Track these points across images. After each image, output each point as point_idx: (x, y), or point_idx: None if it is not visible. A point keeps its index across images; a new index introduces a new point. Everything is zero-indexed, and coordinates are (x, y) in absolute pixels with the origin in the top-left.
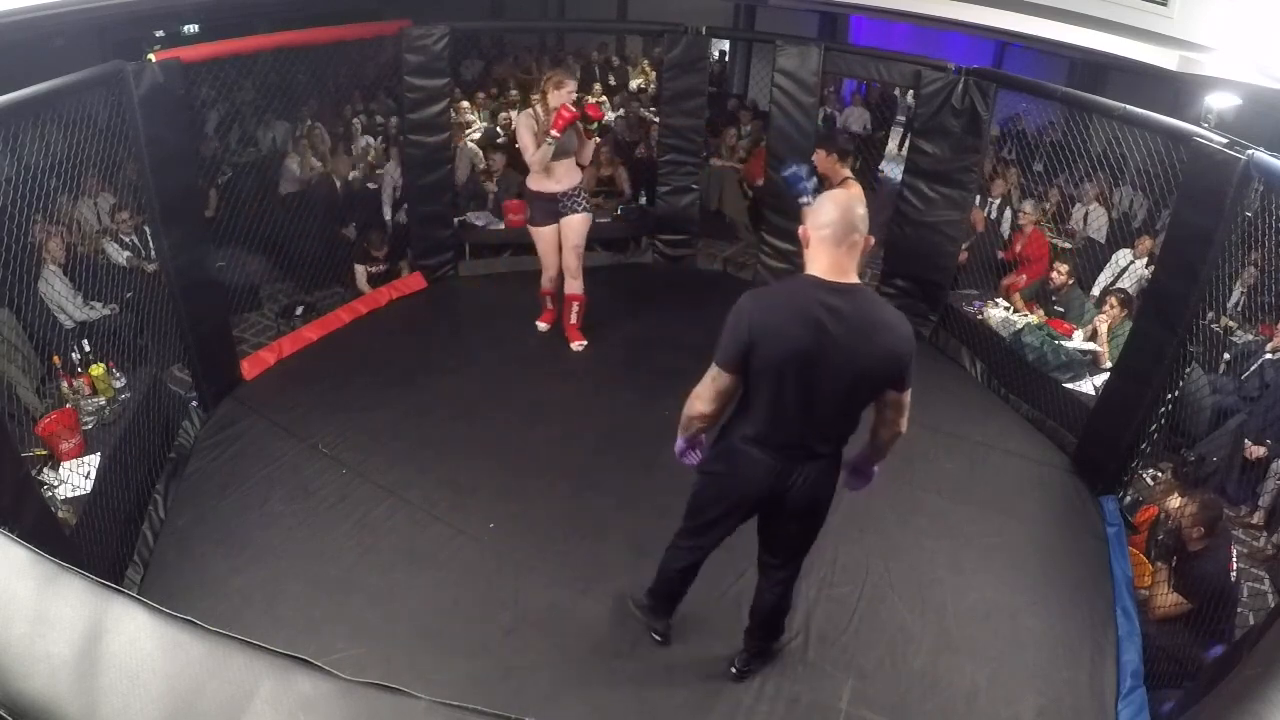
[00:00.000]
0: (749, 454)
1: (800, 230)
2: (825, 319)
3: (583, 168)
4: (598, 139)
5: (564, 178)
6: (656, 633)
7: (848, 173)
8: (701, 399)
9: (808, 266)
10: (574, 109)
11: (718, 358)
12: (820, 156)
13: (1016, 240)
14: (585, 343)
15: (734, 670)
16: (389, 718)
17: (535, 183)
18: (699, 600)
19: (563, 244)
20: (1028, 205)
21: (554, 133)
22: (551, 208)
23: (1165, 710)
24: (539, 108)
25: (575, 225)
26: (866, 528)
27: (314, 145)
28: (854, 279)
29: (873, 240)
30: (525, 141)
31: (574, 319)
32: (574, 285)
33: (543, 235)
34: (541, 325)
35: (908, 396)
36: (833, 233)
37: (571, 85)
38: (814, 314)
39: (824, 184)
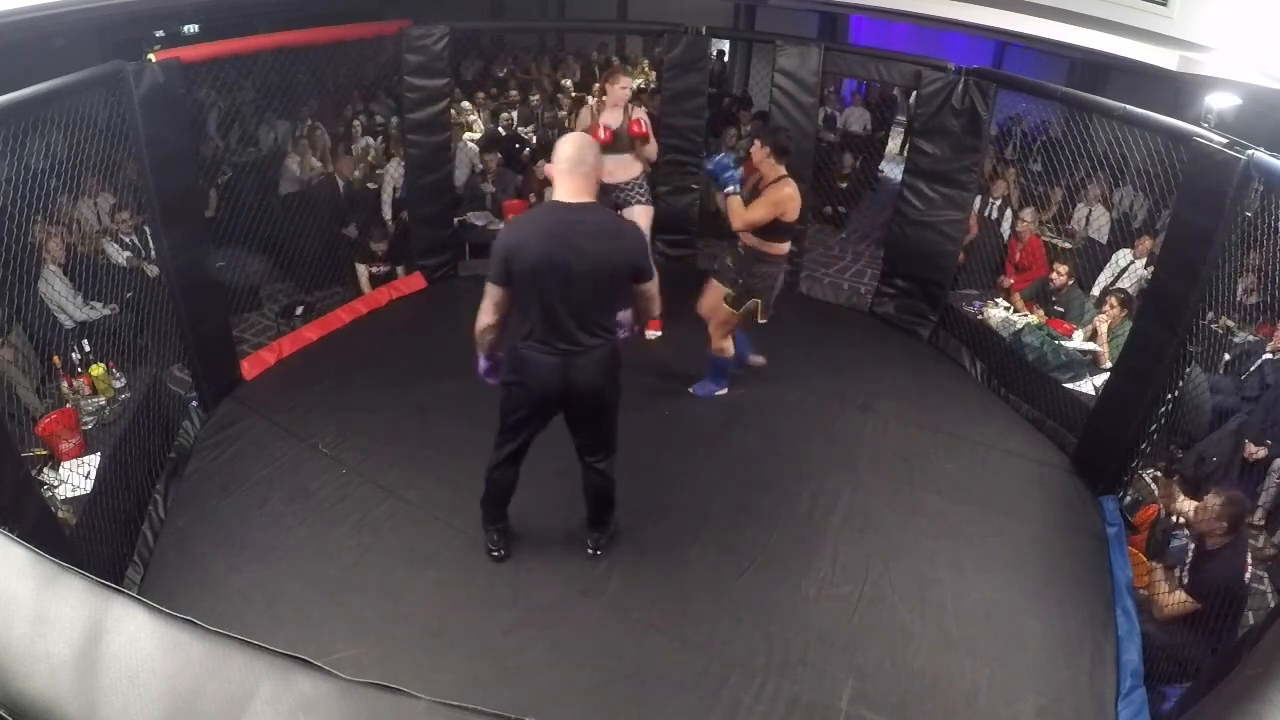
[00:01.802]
0: (533, 357)
1: (545, 168)
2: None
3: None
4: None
5: (617, 171)
6: (491, 544)
7: (783, 171)
8: (484, 313)
9: (554, 195)
10: (610, 131)
11: (488, 276)
12: (755, 148)
13: (1014, 248)
14: (660, 332)
15: (590, 550)
16: (389, 718)
17: None
18: (699, 600)
19: None
20: (1028, 214)
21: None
22: (604, 200)
23: (1165, 710)
24: (599, 100)
25: (635, 218)
26: (866, 528)
27: (314, 145)
28: (589, 199)
29: (604, 171)
30: None
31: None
32: None
33: None
34: None
35: (653, 287)
36: (569, 166)
37: (624, 81)
38: (555, 228)
39: (752, 176)
